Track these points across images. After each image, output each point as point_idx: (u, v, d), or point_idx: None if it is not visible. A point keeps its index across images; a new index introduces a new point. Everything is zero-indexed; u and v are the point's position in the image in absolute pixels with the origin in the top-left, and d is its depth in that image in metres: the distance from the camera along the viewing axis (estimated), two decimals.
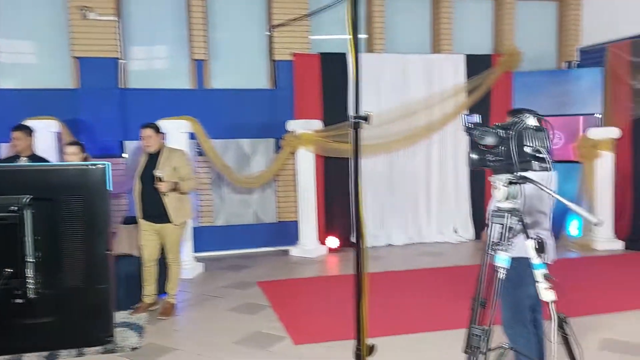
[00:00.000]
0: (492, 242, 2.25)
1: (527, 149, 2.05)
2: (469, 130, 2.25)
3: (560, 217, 7.07)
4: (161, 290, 5.00)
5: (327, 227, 7.42)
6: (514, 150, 2.07)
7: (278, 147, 7.26)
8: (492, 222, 2.25)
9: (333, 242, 7.34)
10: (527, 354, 2.92)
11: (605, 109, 7.55)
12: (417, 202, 7.82)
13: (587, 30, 8.20)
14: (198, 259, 6.56)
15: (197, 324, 4.72)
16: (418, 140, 7.65)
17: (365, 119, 1.74)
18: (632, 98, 7.16)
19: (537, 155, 2.02)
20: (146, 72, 7.17)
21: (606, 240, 7.17)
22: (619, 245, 7.20)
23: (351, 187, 1.95)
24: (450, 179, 7.88)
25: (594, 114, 7.58)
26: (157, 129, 4.75)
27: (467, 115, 2.26)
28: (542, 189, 2.14)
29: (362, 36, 7.86)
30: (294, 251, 7.20)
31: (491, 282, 2.25)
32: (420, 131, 7.59)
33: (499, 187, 2.16)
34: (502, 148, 2.13)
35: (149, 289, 4.87)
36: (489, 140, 2.18)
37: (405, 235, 7.77)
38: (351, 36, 1.77)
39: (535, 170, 2.06)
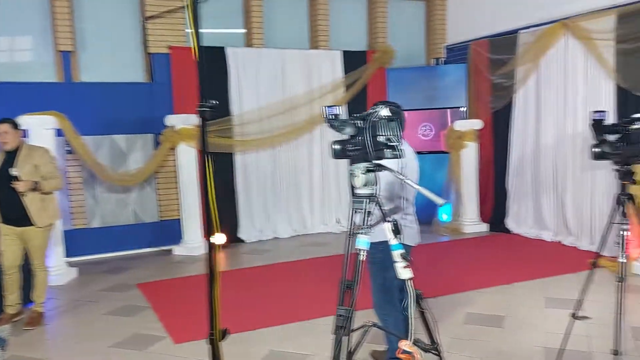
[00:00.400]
0: (354, 226, 2.37)
1: (380, 138, 2.18)
2: (329, 121, 2.34)
3: (432, 204, 7.54)
4: (27, 299, 4.65)
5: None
6: (369, 139, 2.19)
7: (157, 143, 7.02)
8: (353, 208, 2.36)
9: (219, 238, 7.23)
10: (396, 333, 3.11)
11: (469, 102, 8.17)
12: (300, 194, 7.97)
13: (452, 29, 8.80)
14: (71, 264, 6.17)
15: (70, 330, 4.46)
16: (300, 135, 7.78)
17: (212, 108, 1.75)
18: (492, 92, 7.78)
19: (389, 143, 2.15)
20: (5, 65, 6.57)
21: (472, 224, 7.79)
22: (484, 227, 7.85)
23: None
24: (331, 171, 8.10)
25: (459, 107, 8.17)
26: (14, 125, 4.41)
27: (327, 107, 2.34)
28: (396, 176, 2.29)
29: (240, 30, 7.82)
30: (178, 250, 7.02)
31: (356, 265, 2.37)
32: (301, 125, 7.73)
33: (357, 174, 2.28)
34: (359, 138, 2.25)
35: (12, 298, 4.51)
36: (348, 130, 2.28)
37: (290, 227, 7.89)
38: (192, 30, 1.78)
39: (388, 158, 2.19)
